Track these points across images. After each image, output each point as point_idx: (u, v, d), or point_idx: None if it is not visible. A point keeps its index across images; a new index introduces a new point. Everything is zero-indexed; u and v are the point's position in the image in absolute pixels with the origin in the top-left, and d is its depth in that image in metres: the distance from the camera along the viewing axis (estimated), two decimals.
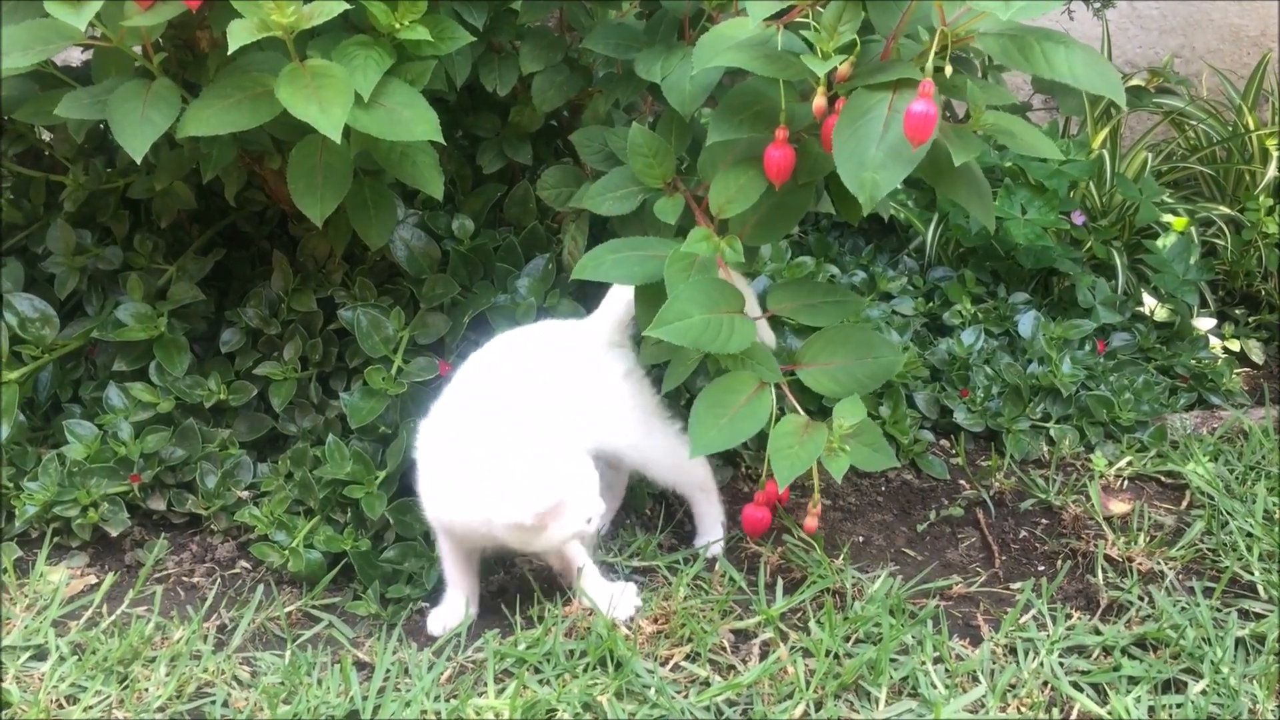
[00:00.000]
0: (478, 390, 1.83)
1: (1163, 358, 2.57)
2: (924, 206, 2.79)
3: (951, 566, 2.01)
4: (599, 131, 2.01)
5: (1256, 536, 2.01)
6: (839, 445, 1.77)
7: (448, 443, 1.78)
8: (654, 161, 1.87)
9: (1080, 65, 1.60)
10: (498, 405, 1.78)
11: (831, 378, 1.85)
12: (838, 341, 1.86)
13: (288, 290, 2.16)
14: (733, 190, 1.76)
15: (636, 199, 1.91)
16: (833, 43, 1.61)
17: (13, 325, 2.10)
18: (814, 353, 1.86)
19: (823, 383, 1.85)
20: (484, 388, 1.83)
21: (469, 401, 1.81)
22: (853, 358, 1.85)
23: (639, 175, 1.87)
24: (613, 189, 1.93)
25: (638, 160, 1.86)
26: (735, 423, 1.77)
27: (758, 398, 1.78)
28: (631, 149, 1.86)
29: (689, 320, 1.71)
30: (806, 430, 1.77)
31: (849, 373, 1.85)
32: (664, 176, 1.87)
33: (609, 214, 1.93)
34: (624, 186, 1.92)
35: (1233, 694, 1.67)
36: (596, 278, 1.85)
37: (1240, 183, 2.99)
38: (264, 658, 1.77)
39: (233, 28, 1.61)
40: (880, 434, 1.86)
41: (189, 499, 2.03)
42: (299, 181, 1.80)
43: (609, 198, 1.92)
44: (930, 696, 1.66)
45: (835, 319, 1.89)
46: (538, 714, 1.61)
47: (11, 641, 1.77)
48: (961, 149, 1.63)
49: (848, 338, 1.87)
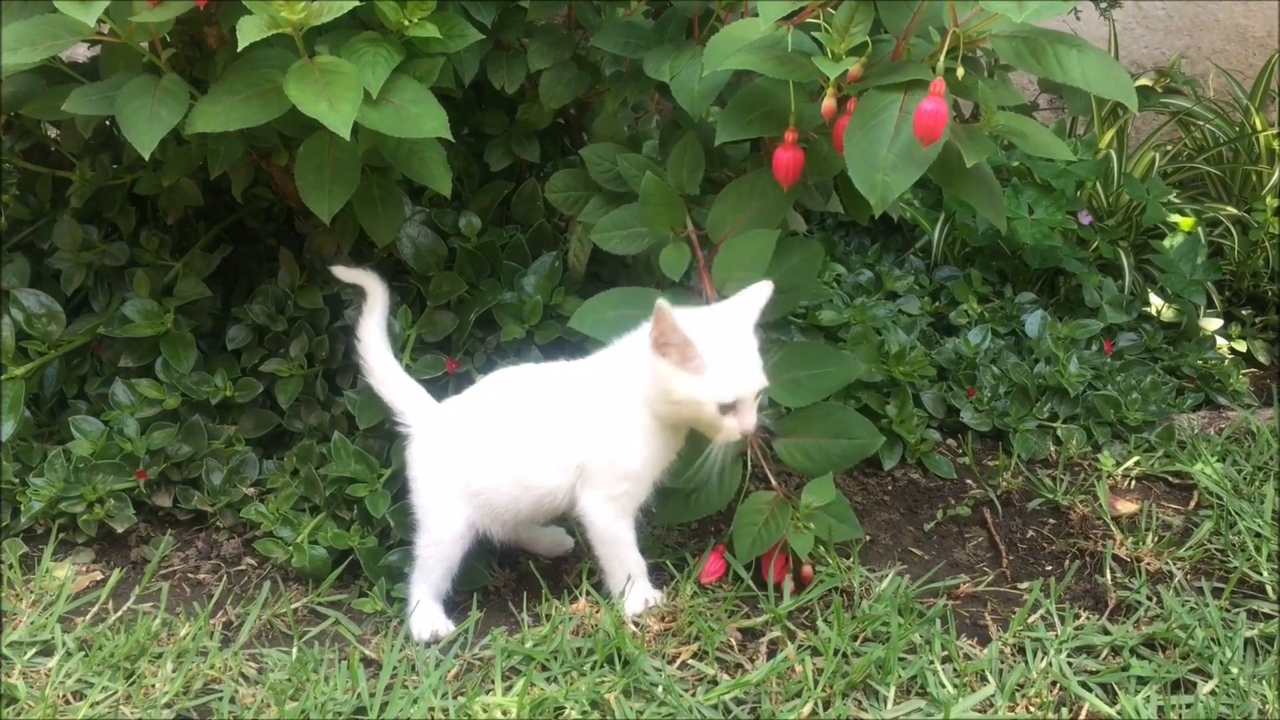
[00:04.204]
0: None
1: (1169, 358, 2.57)
2: (931, 206, 2.78)
3: (959, 566, 2.00)
4: (610, 150, 2.01)
5: (1265, 537, 2.01)
6: (804, 525, 1.83)
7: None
8: (663, 209, 1.88)
9: (1093, 69, 1.59)
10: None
11: (805, 454, 1.89)
12: (816, 419, 1.90)
13: (294, 287, 2.16)
14: (743, 258, 1.80)
15: (644, 241, 1.93)
16: (844, 44, 1.61)
17: (19, 321, 2.10)
18: (791, 427, 1.90)
19: (797, 458, 1.90)
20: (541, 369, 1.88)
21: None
22: (829, 436, 1.89)
23: (647, 222, 1.89)
24: (620, 227, 1.94)
25: (648, 208, 1.87)
26: (707, 494, 1.85)
27: (731, 466, 1.84)
28: (644, 197, 1.87)
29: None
30: (773, 508, 1.83)
31: (824, 451, 1.89)
32: (672, 225, 1.88)
33: (616, 252, 1.95)
34: (632, 226, 1.93)
35: (1242, 694, 1.66)
36: (593, 333, 1.86)
37: (1247, 183, 2.98)
38: (271, 654, 1.76)
39: (242, 24, 1.60)
40: (847, 505, 1.91)
41: (195, 495, 2.03)
42: (307, 178, 1.80)
43: (616, 235, 1.94)
44: (939, 696, 1.65)
45: (820, 394, 1.90)
46: (545, 712, 1.60)
47: (18, 637, 1.77)
48: (973, 150, 1.62)
49: (827, 416, 1.91)
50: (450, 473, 1.81)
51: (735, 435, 1.70)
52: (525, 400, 1.81)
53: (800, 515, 1.83)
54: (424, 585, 1.82)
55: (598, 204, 2.03)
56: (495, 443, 1.79)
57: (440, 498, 1.82)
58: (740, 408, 1.68)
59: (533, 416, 1.79)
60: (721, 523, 1.99)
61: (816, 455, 1.89)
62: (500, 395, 1.83)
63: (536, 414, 1.79)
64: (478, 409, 1.84)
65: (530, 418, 1.79)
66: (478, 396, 1.85)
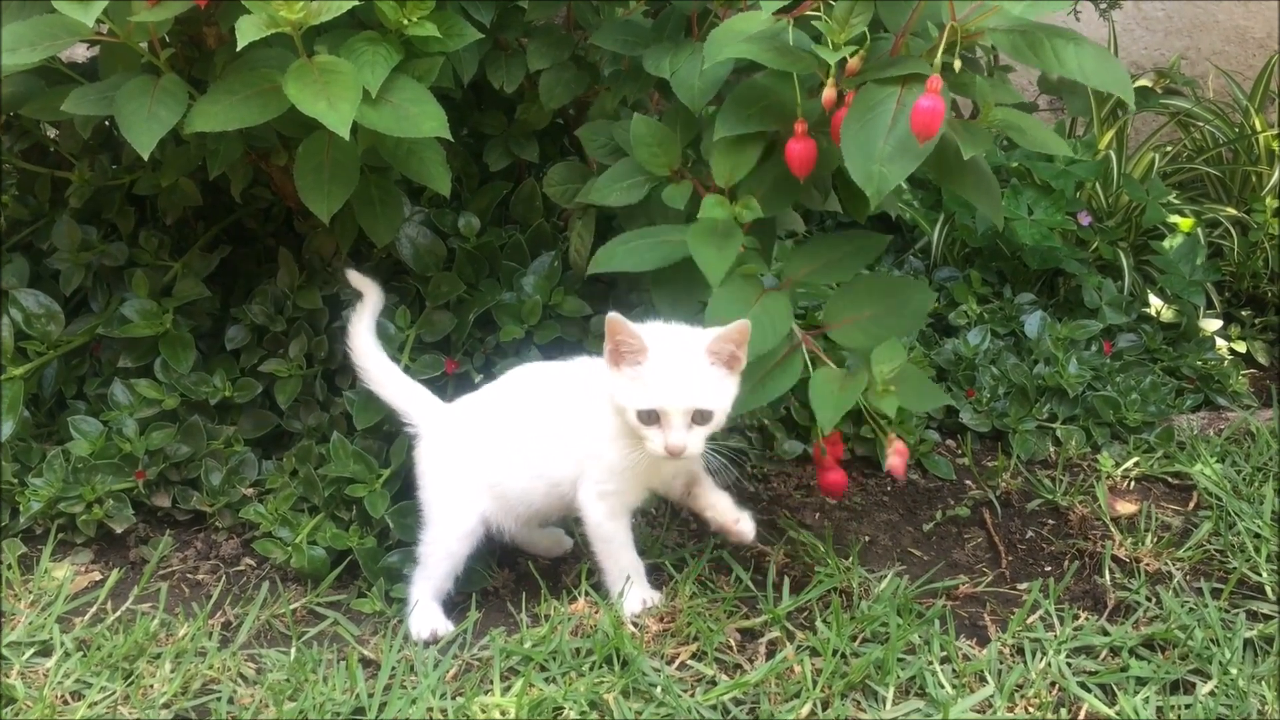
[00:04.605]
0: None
1: (1169, 359, 2.56)
2: (930, 206, 2.78)
3: (958, 566, 2.00)
4: (605, 126, 2.01)
5: (1265, 538, 2.00)
6: (884, 387, 1.74)
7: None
8: (659, 150, 1.87)
9: (1090, 62, 1.60)
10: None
11: (863, 331, 1.81)
12: (863, 294, 1.84)
13: (293, 287, 2.16)
14: (734, 159, 1.77)
15: (644, 188, 1.90)
16: (844, 34, 1.62)
17: (18, 321, 2.09)
18: (840, 310, 1.83)
19: (856, 337, 1.81)
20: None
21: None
22: (882, 307, 1.82)
23: (645, 164, 1.87)
24: (619, 180, 1.92)
25: (643, 150, 1.86)
26: (769, 382, 1.78)
27: (790, 358, 1.79)
28: (635, 140, 1.86)
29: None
30: (845, 378, 1.75)
31: (880, 323, 1.81)
32: (670, 164, 1.87)
33: (616, 204, 1.92)
34: (630, 176, 1.91)
35: (1241, 695, 1.66)
36: (611, 269, 1.85)
37: (1247, 184, 2.98)
38: (269, 655, 1.76)
39: (241, 24, 1.60)
40: (922, 374, 1.82)
41: (194, 496, 2.03)
42: (306, 178, 1.80)
43: (616, 188, 1.92)
44: (938, 696, 1.65)
45: (855, 268, 1.86)
46: (544, 712, 1.60)
47: (16, 637, 1.76)
48: (970, 143, 1.63)
49: (873, 287, 1.87)
50: (465, 466, 1.83)
51: (659, 451, 1.67)
52: (539, 394, 1.84)
53: (879, 379, 1.73)
54: (425, 584, 1.82)
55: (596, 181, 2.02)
56: (512, 434, 1.82)
57: (452, 492, 1.83)
58: (665, 421, 1.66)
59: (545, 410, 1.82)
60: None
61: (875, 330, 1.80)
62: (517, 390, 1.86)
63: (548, 407, 1.82)
64: (497, 403, 1.86)
65: (543, 411, 1.82)
66: (496, 392, 1.88)
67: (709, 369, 1.67)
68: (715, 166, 1.78)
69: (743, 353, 1.68)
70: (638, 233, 1.88)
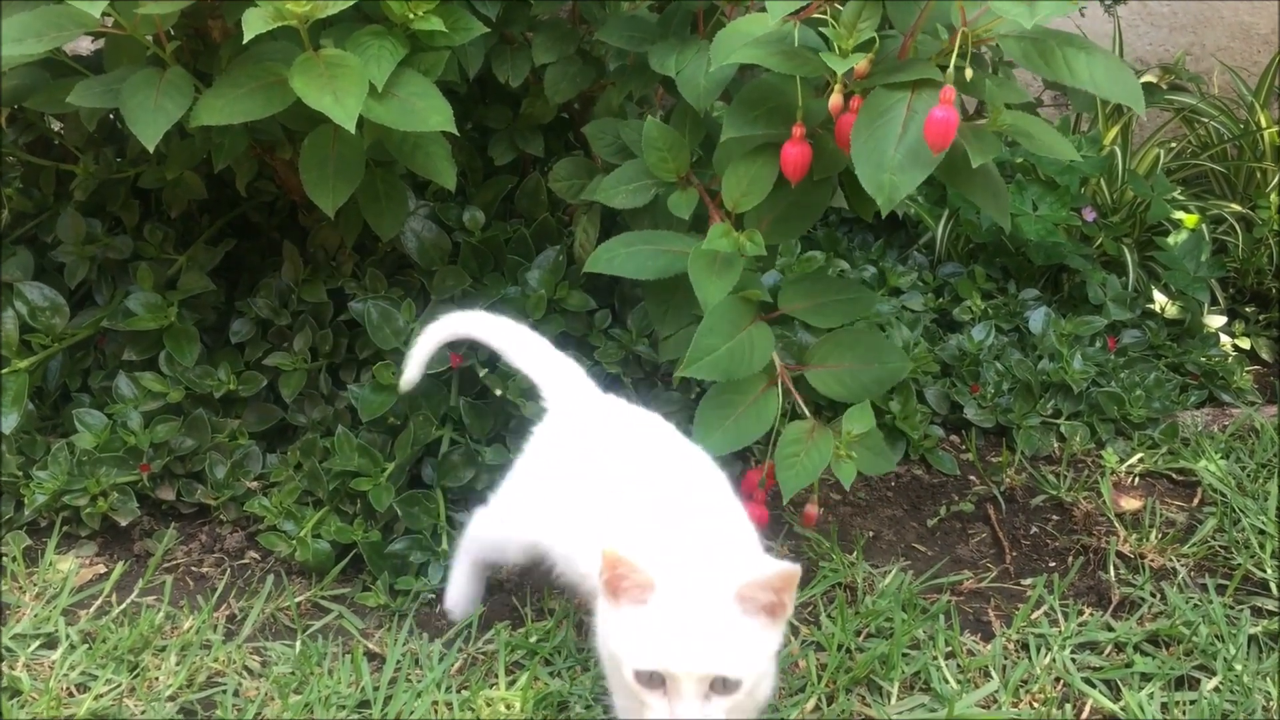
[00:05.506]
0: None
1: (1173, 355, 2.56)
2: (934, 202, 2.78)
3: (962, 562, 2.00)
4: (612, 124, 2.01)
5: (1269, 534, 2.01)
6: (846, 453, 1.78)
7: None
8: (668, 155, 1.86)
9: (1101, 72, 1.58)
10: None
11: (839, 381, 1.86)
12: (846, 345, 1.87)
13: (298, 281, 2.16)
14: (745, 183, 1.76)
15: (650, 192, 1.90)
16: (851, 40, 1.60)
17: (22, 314, 2.09)
18: (823, 354, 1.87)
19: (830, 386, 1.86)
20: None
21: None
22: (860, 362, 1.86)
23: (653, 169, 1.87)
24: (626, 182, 1.92)
25: (652, 154, 1.86)
26: (741, 423, 1.78)
27: (764, 398, 1.79)
28: (646, 142, 1.86)
29: (716, 354, 1.74)
30: (813, 436, 1.77)
31: (856, 377, 1.86)
32: (678, 170, 1.87)
33: (622, 207, 1.92)
34: (637, 179, 1.91)
35: (1246, 691, 1.66)
36: (610, 271, 1.85)
37: (1251, 180, 2.98)
38: (274, 648, 1.76)
39: (247, 16, 1.60)
40: (882, 439, 1.88)
41: (198, 489, 2.03)
42: (311, 172, 1.80)
43: (622, 190, 1.92)
44: (942, 691, 1.65)
45: (846, 318, 1.89)
46: (549, 706, 1.60)
47: (21, 630, 1.77)
48: (979, 150, 1.61)
49: (856, 341, 1.88)
50: (540, 485, 1.66)
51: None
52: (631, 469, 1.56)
53: (843, 444, 1.77)
54: (466, 560, 1.78)
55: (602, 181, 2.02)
56: (585, 491, 1.57)
57: (519, 500, 1.70)
58: (672, 689, 1.25)
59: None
60: None
61: (850, 383, 1.85)
62: (628, 448, 1.61)
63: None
64: (606, 445, 1.62)
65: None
66: (621, 432, 1.65)
67: (739, 620, 1.27)
68: (725, 187, 1.77)
69: (789, 599, 1.28)
70: (641, 235, 1.87)
